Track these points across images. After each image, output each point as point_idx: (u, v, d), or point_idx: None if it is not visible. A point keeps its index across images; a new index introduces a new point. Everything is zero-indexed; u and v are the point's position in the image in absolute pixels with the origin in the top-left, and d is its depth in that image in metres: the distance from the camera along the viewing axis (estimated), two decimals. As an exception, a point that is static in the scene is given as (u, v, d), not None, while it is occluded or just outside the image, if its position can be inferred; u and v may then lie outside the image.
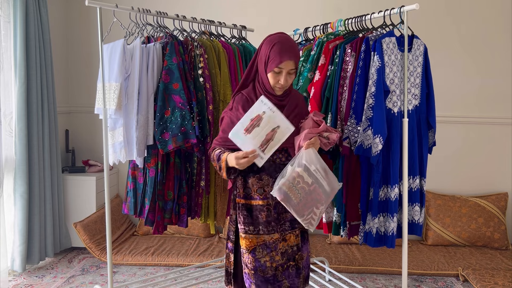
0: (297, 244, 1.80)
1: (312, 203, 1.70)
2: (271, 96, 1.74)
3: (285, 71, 1.68)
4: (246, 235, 1.76)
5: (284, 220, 1.78)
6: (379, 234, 2.04)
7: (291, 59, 1.67)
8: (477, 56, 3.46)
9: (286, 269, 1.78)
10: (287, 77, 1.69)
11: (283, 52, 1.66)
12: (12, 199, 2.91)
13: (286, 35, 1.73)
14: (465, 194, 3.52)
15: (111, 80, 2.15)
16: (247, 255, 1.76)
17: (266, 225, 1.75)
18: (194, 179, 2.39)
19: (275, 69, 1.67)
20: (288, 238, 1.79)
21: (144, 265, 3.10)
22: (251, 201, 1.78)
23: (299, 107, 1.81)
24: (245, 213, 1.77)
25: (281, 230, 1.78)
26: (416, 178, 2.11)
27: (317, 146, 1.71)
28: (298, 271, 1.79)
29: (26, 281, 2.83)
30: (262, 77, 1.75)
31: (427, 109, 2.15)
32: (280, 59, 1.65)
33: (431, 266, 2.98)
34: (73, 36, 3.74)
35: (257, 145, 1.65)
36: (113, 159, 2.23)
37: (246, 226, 1.77)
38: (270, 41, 1.71)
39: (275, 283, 1.75)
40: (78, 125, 3.78)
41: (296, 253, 1.79)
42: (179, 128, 2.17)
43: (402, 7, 2.00)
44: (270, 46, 1.69)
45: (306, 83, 2.20)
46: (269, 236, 1.75)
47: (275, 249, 1.76)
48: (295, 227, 1.79)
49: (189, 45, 2.33)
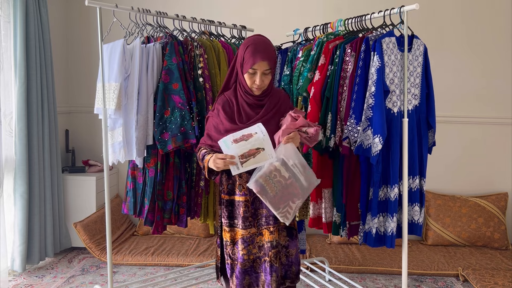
0: (271, 241, 1.82)
1: (288, 197, 1.74)
2: (250, 96, 1.81)
3: (260, 72, 1.75)
4: (230, 228, 1.86)
5: (260, 215, 1.84)
6: (379, 234, 2.04)
7: (264, 60, 1.73)
8: (477, 56, 3.46)
9: (263, 262, 1.84)
10: (263, 78, 1.76)
11: (256, 53, 1.73)
12: (12, 199, 2.91)
13: (262, 37, 1.81)
14: (465, 194, 3.52)
15: (111, 80, 2.15)
16: (229, 248, 1.85)
17: (244, 220, 1.83)
18: (193, 179, 2.39)
19: (250, 70, 1.75)
20: (264, 233, 1.84)
21: (144, 265, 3.10)
22: (234, 197, 1.86)
23: (279, 106, 1.86)
24: (229, 208, 1.86)
25: (258, 225, 1.84)
26: (416, 178, 2.11)
27: (296, 141, 1.76)
28: (271, 268, 1.80)
29: (26, 281, 2.83)
30: (240, 79, 1.82)
31: (427, 109, 2.15)
32: (253, 60, 1.73)
33: (431, 266, 2.98)
34: (73, 36, 3.74)
35: (238, 154, 1.68)
36: (113, 159, 2.23)
37: (230, 219, 1.86)
38: (245, 43, 1.79)
39: (252, 274, 1.85)
40: (78, 125, 3.78)
41: (270, 250, 1.81)
42: (178, 128, 2.17)
43: (402, 7, 2.00)
44: (244, 48, 1.77)
45: (306, 83, 2.20)
46: (246, 230, 1.83)
47: (252, 243, 1.84)
48: (270, 224, 1.82)
49: (189, 45, 2.33)
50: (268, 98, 1.85)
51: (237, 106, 1.84)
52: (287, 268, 1.89)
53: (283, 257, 1.88)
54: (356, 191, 2.12)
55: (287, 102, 1.92)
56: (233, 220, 1.86)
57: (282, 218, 1.74)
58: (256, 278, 1.84)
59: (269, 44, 1.80)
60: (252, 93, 1.81)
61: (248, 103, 1.83)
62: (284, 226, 1.88)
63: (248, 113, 1.83)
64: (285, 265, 1.89)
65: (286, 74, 2.36)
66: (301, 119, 1.77)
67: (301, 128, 1.78)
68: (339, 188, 2.18)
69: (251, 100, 1.82)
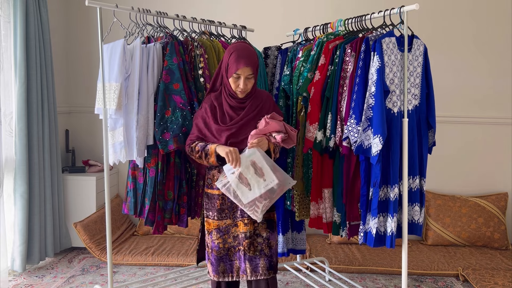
0: (245, 232, 1.95)
1: None
2: (233, 99, 1.96)
3: (243, 76, 1.89)
4: (207, 219, 2.03)
5: (236, 208, 1.97)
6: (379, 234, 2.04)
7: (247, 66, 1.87)
8: (477, 56, 3.47)
9: (237, 251, 1.99)
10: (246, 82, 1.91)
11: (239, 59, 1.87)
12: (12, 199, 2.91)
13: (245, 44, 1.97)
14: (465, 194, 3.52)
15: (111, 80, 2.15)
16: (207, 236, 2.02)
17: (220, 212, 1.99)
18: (194, 179, 2.39)
19: (234, 75, 1.89)
20: (239, 224, 1.98)
21: (144, 265, 3.10)
22: (212, 190, 2.02)
23: (260, 107, 2.00)
24: (207, 200, 2.04)
25: (233, 217, 1.98)
26: (416, 178, 2.11)
27: (263, 146, 1.90)
28: (245, 256, 1.95)
29: (26, 281, 2.83)
30: (225, 82, 1.97)
31: (427, 109, 2.15)
32: (237, 66, 1.87)
33: (431, 266, 2.98)
34: (73, 36, 3.74)
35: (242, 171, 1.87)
36: (113, 159, 2.23)
37: (207, 211, 2.03)
38: (230, 49, 1.93)
39: (226, 261, 2.00)
40: (78, 125, 3.78)
41: (243, 240, 1.95)
42: (180, 128, 2.17)
43: (402, 7, 2.00)
44: (229, 54, 1.92)
45: (306, 83, 2.20)
46: (222, 221, 1.99)
47: (227, 233, 1.99)
48: (244, 216, 1.96)
49: (189, 45, 2.33)
50: (250, 101, 1.99)
51: (220, 108, 1.99)
52: (270, 259, 1.98)
53: (265, 248, 1.98)
54: (356, 191, 2.12)
55: (269, 102, 2.06)
56: (209, 211, 2.02)
57: (251, 214, 1.90)
58: (230, 265, 2.00)
59: (251, 50, 1.95)
60: (236, 96, 1.95)
61: (230, 105, 1.98)
62: (264, 219, 1.99)
63: (230, 114, 1.97)
64: (268, 256, 1.98)
65: (286, 74, 2.36)
66: (273, 125, 1.91)
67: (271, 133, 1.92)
68: (339, 188, 2.18)
69: (234, 103, 1.97)
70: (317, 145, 2.17)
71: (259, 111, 1.99)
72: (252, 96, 2.00)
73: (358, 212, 2.14)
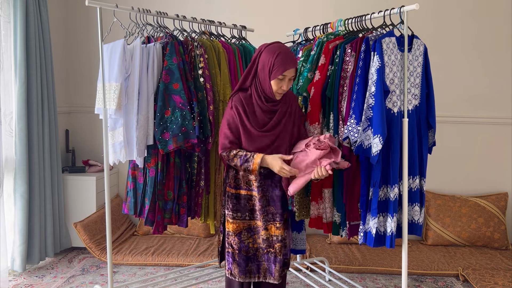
0: (277, 236, 1.98)
1: None
2: (266, 102, 1.93)
3: (288, 78, 1.89)
4: (234, 220, 1.99)
5: (267, 212, 1.98)
6: (379, 234, 2.04)
7: (293, 67, 1.88)
8: (477, 56, 3.47)
9: (266, 253, 2.00)
10: (289, 83, 1.91)
11: (287, 61, 1.86)
12: (12, 199, 2.91)
13: (285, 45, 1.94)
14: (465, 194, 3.52)
15: (111, 80, 2.15)
16: (233, 238, 1.99)
17: (252, 212, 1.99)
18: (194, 179, 2.39)
19: (280, 77, 1.87)
20: (270, 228, 1.99)
21: (144, 265, 3.10)
22: (240, 191, 2.00)
23: (289, 110, 2.01)
24: (234, 201, 2.00)
25: (264, 220, 1.97)
26: (416, 178, 2.11)
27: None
28: (275, 258, 1.97)
29: (26, 281, 2.83)
30: (262, 84, 1.92)
31: (427, 109, 2.15)
32: (285, 67, 1.85)
33: (431, 266, 2.98)
34: (73, 36, 3.74)
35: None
36: (113, 159, 2.23)
37: (234, 212, 1.99)
38: (273, 50, 1.88)
39: (254, 261, 2.01)
40: (78, 125, 3.78)
41: (275, 243, 1.98)
42: (179, 128, 2.17)
43: (402, 7, 2.00)
44: (274, 55, 1.87)
45: (306, 83, 2.20)
46: (253, 221, 2.00)
47: (257, 233, 2.00)
48: (276, 220, 1.98)
49: (189, 45, 2.33)
50: (281, 104, 1.98)
51: (251, 110, 1.94)
52: (284, 257, 2.02)
53: (282, 249, 2.00)
54: (356, 191, 2.12)
55: (295, 104, 2.06)
56: (237, 212, 1.99)
57: None
58: (257, 266, 2.01)
59: (293, 53, 1.96)
60: (274, 98, 1.93)
61: (262, 109, 1.94)
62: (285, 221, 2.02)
63: (263, 119, 1.94)
64: (284, 255, 2.01)
65: (286, 74, 2.36)
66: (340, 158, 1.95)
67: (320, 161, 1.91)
68: (339, 188, 2.18)
69: (265, 107, 1.94)
70: (317, 145, 2.17)
71: (289, 115, 1.99)
72: (283, 98, 1.99)
73: (358, 212, 2.14)
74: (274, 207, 1.98)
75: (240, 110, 1.92)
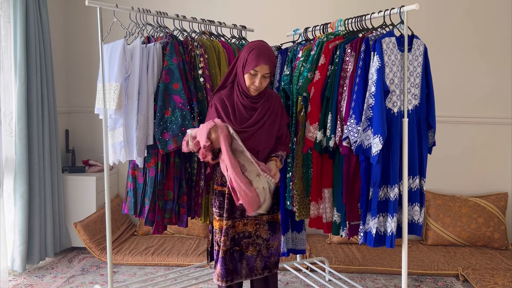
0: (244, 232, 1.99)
1: None
2: (246, 97, 1.95)
3: (260, 74, 1.89)
4: (220, 217, 1.99)
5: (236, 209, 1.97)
6: (379, 234, 2.04)
7: (266, 64, 1.88)
8: (477, 56, 3.47)
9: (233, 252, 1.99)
10: (262, 80, 1.90)
11: (260, 56, 1.87)
12: (12, 199, 2.91)
13: (265, 43, 1.96)
14: (465, 194, 3.52)
15: (111, 80, 2.15)
16: (218, 236, 1.98)
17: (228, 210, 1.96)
18: (194, 179, 2.39)
19: (251, 72, 1.88)
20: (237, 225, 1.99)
21: (144, 265, 3.10)
22: (225, 189, 1.99)
23: (271, 110, 2.01)
24: (221, 198, 2.00)
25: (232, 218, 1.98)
26: (416, 178, 2.11)
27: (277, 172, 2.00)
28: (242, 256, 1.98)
29: (26, 281, 2.83)
30: (239, 79, 1.95)
31: (427, 109, 2.15)
32: (257, 62, 1.87)
33: (431, 266, 2.98)
34: (73, 36, 3.74)
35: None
36: (113, 159, 2.23)
37: (221, 210, 1.99)
38: (250, 46, 1.93)
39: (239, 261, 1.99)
40: (78, 125, 3.78)
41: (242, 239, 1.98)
42: (179, 128, 2.17)
43: (402, 7, 2.00)
44: (249, 50, 1.91)
45: (306, 83, 2.20)
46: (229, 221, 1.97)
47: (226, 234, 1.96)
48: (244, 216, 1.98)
49: (189, 45, 2.33)
50: (262, 102, 1.99)
51: (232, 107, 1.97)
52: (266, 259, 2.02)
53: (263, 250, 2.02)
54: (356, 191, 2.12)
55: (279, 105, 2.08)
56: (222, 210, 1.99)
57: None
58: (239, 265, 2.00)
59: (271, 50, 1.95)
60: (249, 93, 1.94)
61: (243, 104, 1.96)
62: (266, 220, 2.03)
63: (242, 114, 1.96)
64: (265, 257, 2.02)
65: (286, 74, 2.36)
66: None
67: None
68: (339, 188, 2.18)
69: (246, 102, 1.96)
70: (317, 145, 2.17)
71: (270, 113, 2.00)
72: (264, 96, 2.00)
73: (358, 212, 2.14)
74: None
75: (218, 107, 1.95)
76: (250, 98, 1.96)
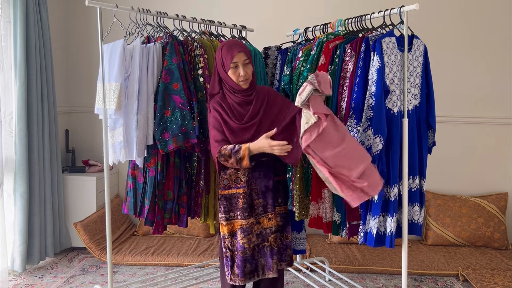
0: (270, 227, 2.00)
1: None
2: (238, 94, 1.97)
3: (240, 63, 1.92)
4: (227, 221, 1.98)
5: (257, 205, 2.00)
6: (379, 234, 2.04)
7: (240, 51, 1.91)
8: (477, 56, 3.47)
9: (261, 248, 2.00)
10: (245, 68, 1.93)
11: (231, 48, 1.92)
12: (12, 199, 2.91)
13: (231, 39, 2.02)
14: (465, 194, 3.52)
15: (111, 80, 2.15)
16: (228, 240, 1.98)
17: (242, 211, 1.96)
18: (193, 179, 2.39)
19: (232, 65, 1.91)
20: (262, 221, 2.00)
21: (144, 265, 3.10)
22: (230, 191, 2.00)
23: (267, 99, 2.02)
24: (225, 203, 2.00)
25: (255, 215, 1.99)
26: (416, 178, 2.11)
27: None
28: (272, 251, 1.98)
29: (26, 281, 2.83)
30: (226, 80, 1.97)
31: (427, 109, 2.15)
32: (232, 54, 1.90)
33: (431, 266, 2.98)
34: (73, 36, 3.74)
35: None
36: (113, 159, 2.23)
37: (226, 213, 1.99)
38: (219, 48, 1.98)
39: (252, 261, 1.98)
40: (78, 125, 3.78)
41: (269, 235, 1.99)
42: (179, 128, 2.17)
43: (402, 7, 2.00)
44: (220, 50, 1.97)
45: (306, 83, 2.20)
46: (245, 221, 1.96)
47: (251, 232, 1.97)
48: (268, 211, 2.00)
49: (189, 45, 2.33)
50: (255, 94, 2.00)
51: (229, 107, 1.98)
52: (282, 251, 2.03)
53: (278, 241, 2.03)
54: (356, 191, 2.12)
55: (272, 93, 2.07)
56: (230, 213, 1.98)
57: None
58: (255, 264, 1.99)
59: (239, 40, 2.02)
60: (241, 88, 1.95)
61: (237, 102, 1.98)
62: (278, 212, 2.06)
63: (240, 111, 1.97)
64: (281, 248, 2.03)
65: (286, 74, 2.36)
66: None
67: None
68: (339, 188, 2.18)
69: (239, 99, 1.97)
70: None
71: (267, 103, 2.01)
72: (255, 88, 2.01)
73: (358, 212, 2.14)
74: (264, 199, 1.99)
75: (218, 108, 1.97)
76: (242, 93, 1.97)
